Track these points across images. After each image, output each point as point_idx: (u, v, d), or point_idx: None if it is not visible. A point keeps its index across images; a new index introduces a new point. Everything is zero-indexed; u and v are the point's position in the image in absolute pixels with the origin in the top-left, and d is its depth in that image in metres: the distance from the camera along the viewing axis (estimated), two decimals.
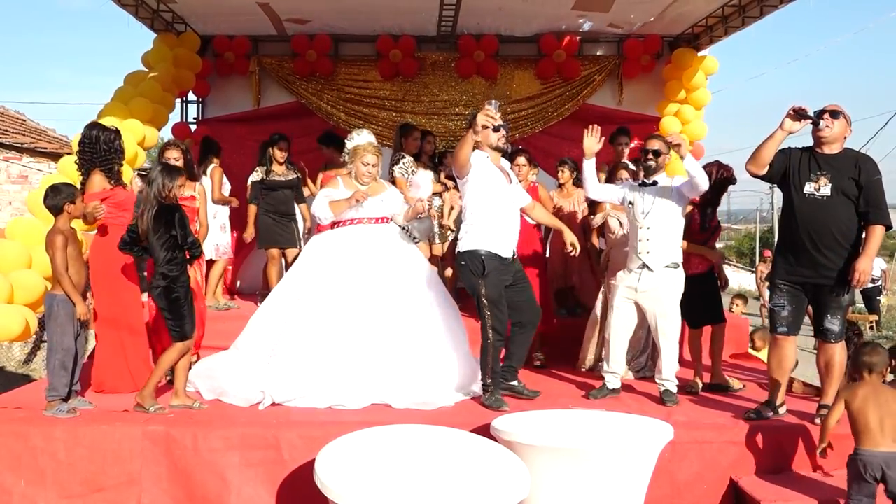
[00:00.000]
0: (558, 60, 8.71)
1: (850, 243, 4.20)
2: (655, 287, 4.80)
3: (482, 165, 4.69)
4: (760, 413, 4.39)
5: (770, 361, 4.50)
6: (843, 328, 4.30)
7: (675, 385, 4.81)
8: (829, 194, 4.18)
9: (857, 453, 3.52)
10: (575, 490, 3.46)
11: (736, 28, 7.88)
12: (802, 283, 4.30)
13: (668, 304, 4.80)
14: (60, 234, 4.29)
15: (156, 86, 7.54)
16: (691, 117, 8.62)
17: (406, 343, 4.74)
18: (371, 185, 5.07)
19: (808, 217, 4.23)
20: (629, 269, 4.92)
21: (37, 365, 9.53)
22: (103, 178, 4.77)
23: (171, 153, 5.45)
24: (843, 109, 4.25)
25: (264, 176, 6.62)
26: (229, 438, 4.02)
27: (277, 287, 5.27)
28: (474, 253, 4.64)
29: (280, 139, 6.66)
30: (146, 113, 7.20)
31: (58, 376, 4.27)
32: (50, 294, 4.40)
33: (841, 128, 4.20)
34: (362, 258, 4.92)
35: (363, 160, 4.98)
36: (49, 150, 13.69)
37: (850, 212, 4.18)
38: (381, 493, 3.02)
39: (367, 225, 5.03)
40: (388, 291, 4.86)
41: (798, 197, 4.26)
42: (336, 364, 4.62)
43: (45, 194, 4.40)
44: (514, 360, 4.87)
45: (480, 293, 4.63)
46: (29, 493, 3.94)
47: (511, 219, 4.78)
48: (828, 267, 4.20)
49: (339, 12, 7.96)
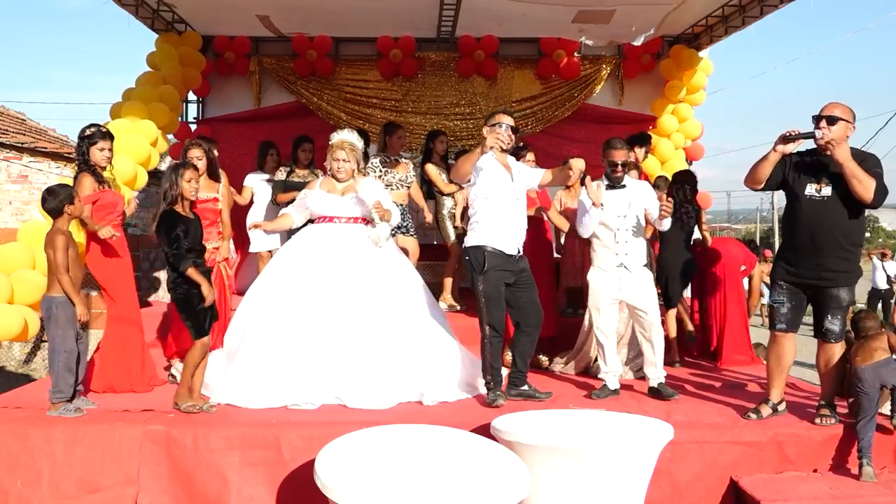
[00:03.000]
0: (558, 60, 8.71)
1: (852, 244, 4.19)
2: (637, 284, 4.93)
3: (485, 164, 4.70)
4: (759, 412, 4.39)
5: (769, 358, 4.50)
6: (843, 328, 4.30)
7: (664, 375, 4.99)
8: (831, 195, 4.16)
9: (856, 371, 4.17)
10: (575, 490, 3.45)
11: (736, 28, 7.88)
12: (803, 283, 4.30)
13: (652, 299, 4.97)
14: (61, 234, 4.29)
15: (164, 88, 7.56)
16: (687, 116, 8.64)
17: (368, 342, 4.71)
18: (348, 183, 5.10)
19: (810, 218, 4.22)
20: (603, 270, 4.98)
21: (37, 365, 9.54)
22: (92, 180, 4.78)
23: (194, 152, 5.44)
24: (842, 107, 4.14)
25: (284, 177, 6.64)
26: (229, 438, 4.02)
27: (253, 284, 5.27)
28: (478, 249, 4.67)
29: (304, 140, 6.70)
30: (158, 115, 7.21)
31: (63, 378, 4.27)
32: (47, 297, 4.37)
33: (841, 130, 4.11)
34: (328, 257, 4.92)
35: (334, 156, 5.08)
36: (49, 150, 13.66)
37: (852, 213, 4.16)
38: (381, 493, 3.02)
39: (338, 224, 5.05)
40: (353, 289, 4.85)
41: (799, 199, 4.25)
42: (290, 364, 4.62)
43: (43, 199, 4.39)
44: (519, 364, 4.85)
45: (478, 288, 4.66)
46: (25, 493, 3.93)
47: (514, 215, 4.77)
48: (828, 268, 4.19)
49: (341, 25, 8.04)
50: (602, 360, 5.03)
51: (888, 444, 4.19)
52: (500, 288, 4.67)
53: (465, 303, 6.76)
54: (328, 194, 5.08)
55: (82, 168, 4.80)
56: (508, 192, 4.74)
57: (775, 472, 4.10)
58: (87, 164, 4.79)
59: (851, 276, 4.23)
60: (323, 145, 7.83)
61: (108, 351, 4.88)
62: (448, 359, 4.94)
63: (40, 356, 9.75)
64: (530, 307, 4.82)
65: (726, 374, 5.79)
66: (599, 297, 4.99)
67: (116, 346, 4.87)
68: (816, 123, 4.12)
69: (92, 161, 4.80)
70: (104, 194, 4.79)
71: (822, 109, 4.16)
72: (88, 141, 4.81)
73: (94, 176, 4.79)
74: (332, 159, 5.09)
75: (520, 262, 4.78)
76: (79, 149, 4.85)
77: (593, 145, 8.14)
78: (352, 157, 5.07)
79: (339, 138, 5.12)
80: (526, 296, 4.80)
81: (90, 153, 4.80)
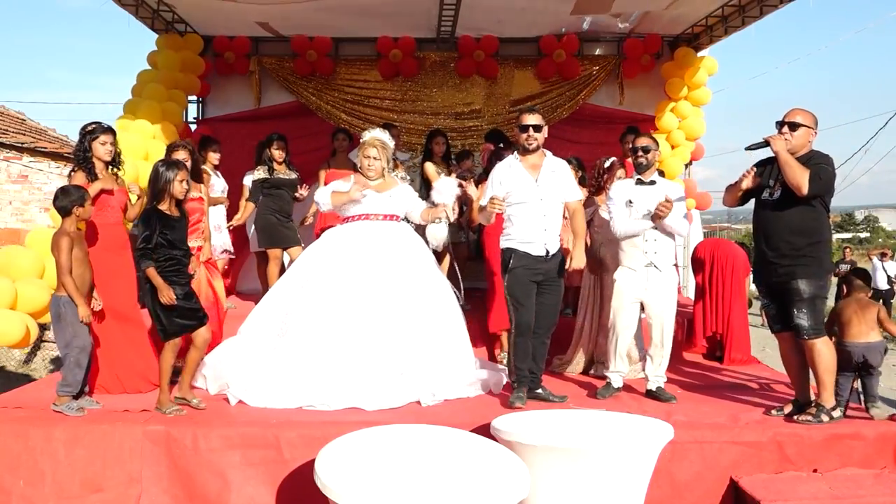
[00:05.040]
0: (558, 60, 8.70)
1: (809, 241, 4.22)
2: (663, 286, 4.89)
3: (508, 169, 4.74)
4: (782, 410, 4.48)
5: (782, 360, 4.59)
6: (814, 322, 4.23)
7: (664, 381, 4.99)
8: (780, 195, 4.26)
9: (843, 345, 4.43)
10: (575, 490, 3.45)
11: (736, 28, 7.88)
12: (769, 284, 4.42)
13: (672, 303, 4.94)
14: (66, 235, 4.32)
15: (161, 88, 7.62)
16: (688, 114, 8.63)
17: (389, 346, 4.73)
18: (381, 181, 5.12)
19: (764, 220, 4.36)
20: (631, 269, 4.93)
21: (37, 365, 9.55)
22: (85, 176, 4.79)
23: (179, 154, 5.46)
24: (804, 113, 4.28)
25: (268, 175, 6.62)
26: (229, 438, 4.03)
27: (283, 276, 5.32)
28: (505, 250, 4.73)
29: (277, 138, 6.66)
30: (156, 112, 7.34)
31: (72, 372, 4.31)
32: (55, 296, 4.42)
33: (802, 136, 4.24)
34: (362, 254, 4.93)
35: (364, 153, 5.10)
36: (49, 150, 13.67)
37: (803, 211, 4.21)
38: (381, 493, 3.02)
39: (373, 221, 5.06)
40: (382, 289, 4.86)
41: (758, 203, 4.41)
42: (309, 365, 4.64)
43: (56, 196, 4.43)
44: (534, 368, 4.82)
45: (505, 289, 4.68)
46: (27, 493, 3.94)
47: (540, 216, 4.70)
48: (780, 265, 4.27)
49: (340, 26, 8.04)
50: (612, 359, 4.99)
51: (888, 444, 4.19)
52: (527, 289, 4.65)
53: (470, 303, 6.76)
54: (368, 191, 5.06)
55: (77, 165, 4.82)
56: (532, 194, 4.69)
57: (775, 472, 4.10)
58: (84, 161, 4.80)
59: (810, 269, 4.22)
60: (323, 145, 7.91)
61: (108, 350, 4.87)
62: (457, 359, 4.95)
63: (40, 356, 9.76)
64: (545, 310, 4.76)
65: (726, 374, 5.80)
66: (624, 296, 4.93)
67: (116, 345, 4.86)
68: (779, 128, 4.26)
69: (95, 155, 4.82)
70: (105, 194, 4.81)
71: (784, 115, 4.31)
72: (90, 136, 4.83)
73: (88, 173, 4.79)
74: (362, 156, 5.12)
75: (549, 262, 4.72)
76: (79, 145, 4.85)
77: (593, 146, 8.17)
78: (382, 156, 5.11)
79: (370, 136, 5.15)
80: (545, 299, 4.75)
81: (92, 147, 4.82)
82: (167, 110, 7.55)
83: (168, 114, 7.54)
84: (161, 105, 7.46)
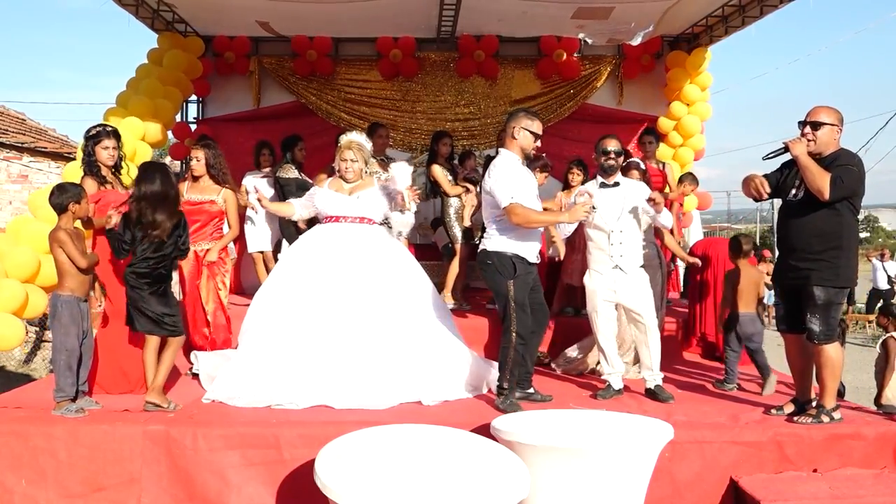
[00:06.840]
0: (558, 60, 8.71)
1: (829, 246, 4.14)
2: (632, 286, 4.90)
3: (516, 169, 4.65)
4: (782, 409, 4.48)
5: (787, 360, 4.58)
6: (826, 329, 4.18)
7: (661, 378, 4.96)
8: (804, 197, 4.18)
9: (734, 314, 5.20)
10: (575, 490, 3.45)
11: (736, 28, 7.89)
12: (787, 284, 4.38)
13: (648, 301, 4.93)
14: (63, 230, 4.30)
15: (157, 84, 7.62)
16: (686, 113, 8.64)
17: (365, 343, 4.71)
18: (356, 183, 5.12)
19: (787, 220, 4.31)
20: (598, 272, 4.96)
21: (37, 365, 9.56)
22: (94, 182, 4.79)
23: (195, 153, 5.47)
24: (827, 110, 4.15)
25: (298, 175, 6.67)
26: (229, 438, 4.02)
27: (263, 284, 5.31)
28: (503, 254, 4.57)
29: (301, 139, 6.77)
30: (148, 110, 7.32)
31: (63, 377, 4.28)
32: (55, 294, 4.40)
33: (827, 135, 4.13)
34: (334, 257, 4.93)
35: (342, 156, 5.11)
36: (49, 150, 13.69)
37: (826, 215, 4.12)
38: (381, 493, 3.02)
39: (345, 224, 5.05)
40: (357, 290, 4.84)
41: (784, 203, 4.35)
42: (278, 364, 4.64)
43: (52, 192, 4.42)
44: (528, 366, 4.83)
45: (509, 295, 4.54)
46: (30, 492, 3.94)
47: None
48: (800, 268, 4.21)
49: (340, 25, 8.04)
50: (604, 362, 5.01)
51: (888, 444, 4.19)
52: (526, 294, 4.63)
53: (470, 302, 6.76)
54: (336, 193, 5.09)
55: (86, 171, 4.83)
56: (535, 200, 4.66)
57: (775, 471, 4.10)
58: (91, 166, 4.80)
59: (826, 276, 4.15)
60: (322, 145, 7.91)
61: (108, 350, 4.87)
62: (451, 359, 4.94)
63: (40, 356, 9.76)
64: (540, 309, 4.78)
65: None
66: (596, 299, 4.97)
67: (116, 345, 4.86)
68: (801, 129, 4.16)
69: (98, 160, 4.82)
70: (106, 194, 4.80)
71: (807, 114, 4.18)
72: (94, 140, 4.83)
73: (97, 178, 4.79)
74: (340, 159, 5.12)
75: (535, 268, 4.76)
76: (85, 150, 4.86)
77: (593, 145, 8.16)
78: (360, 158, 5.10)
79: (347, 139, 5.16)
80: (538, 296, 4.78)
81: (95, 152, 4.82)
82: (160, 107, 7.47)
83: (161, 111, 7.45)
84: (154, 102, 7.39)
